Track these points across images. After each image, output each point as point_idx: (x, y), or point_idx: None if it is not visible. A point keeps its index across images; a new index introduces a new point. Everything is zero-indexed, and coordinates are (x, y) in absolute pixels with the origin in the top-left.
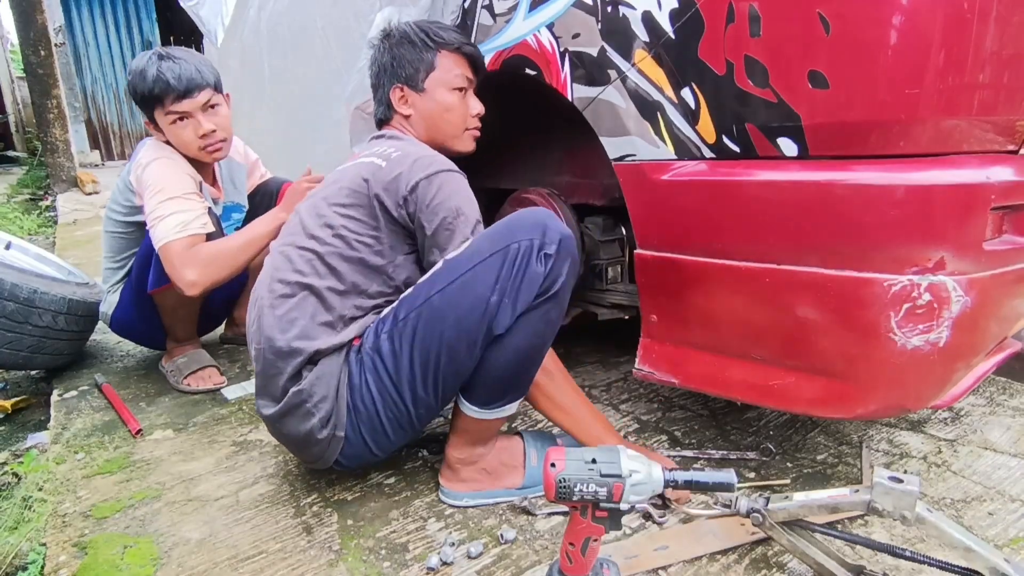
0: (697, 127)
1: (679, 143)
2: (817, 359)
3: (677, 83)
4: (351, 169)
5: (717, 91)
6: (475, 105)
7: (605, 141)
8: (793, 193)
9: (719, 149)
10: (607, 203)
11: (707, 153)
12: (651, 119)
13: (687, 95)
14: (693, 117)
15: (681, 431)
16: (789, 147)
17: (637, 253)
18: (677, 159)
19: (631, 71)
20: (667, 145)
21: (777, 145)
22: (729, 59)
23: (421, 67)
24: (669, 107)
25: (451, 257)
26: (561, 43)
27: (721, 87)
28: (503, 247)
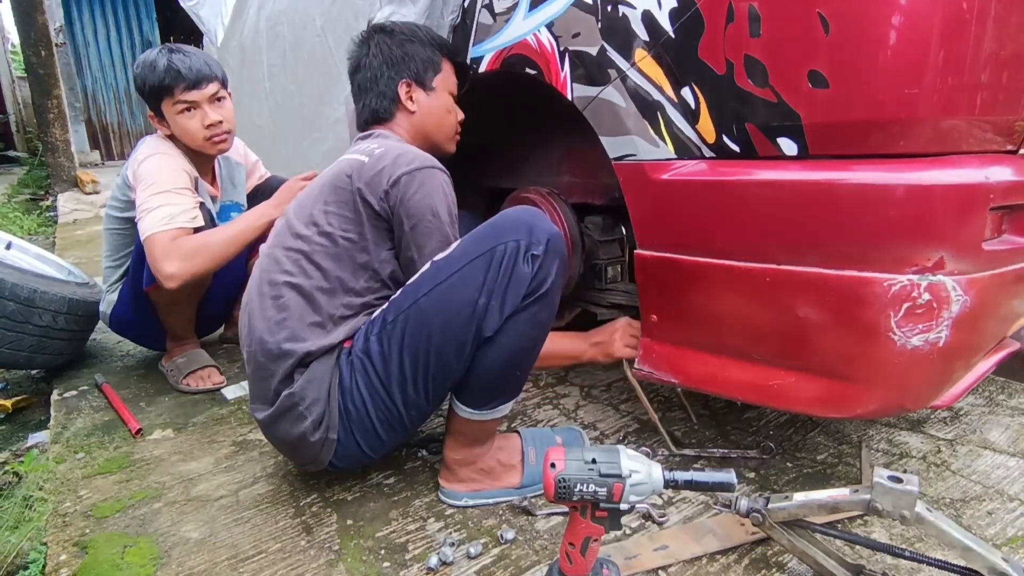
0: (697, 127)
1: (679, 143)
2: (817, 359)
3: (677, 82)
4: (334, 167)
5: (717, 91)
6: (459, 112)
7: (605, 140)
8: (793, 193)
9: (719, 149)
10: (607, 203)
11: (707, 153)
12: (651, 118)
13: (687, 94)
14: (693, 117)
15: (681, 431)
16: (789, 147)
17: (637, 253)
18: (677, 159)
19: (631, 70)
20: (667, 145)
21: (777, 145)
22: (729, 59)
23: (430, 67)
24: (669, 107)
25: (439, 259)
26: (561, 42)
27: (721, 87)
28: (489, 249)
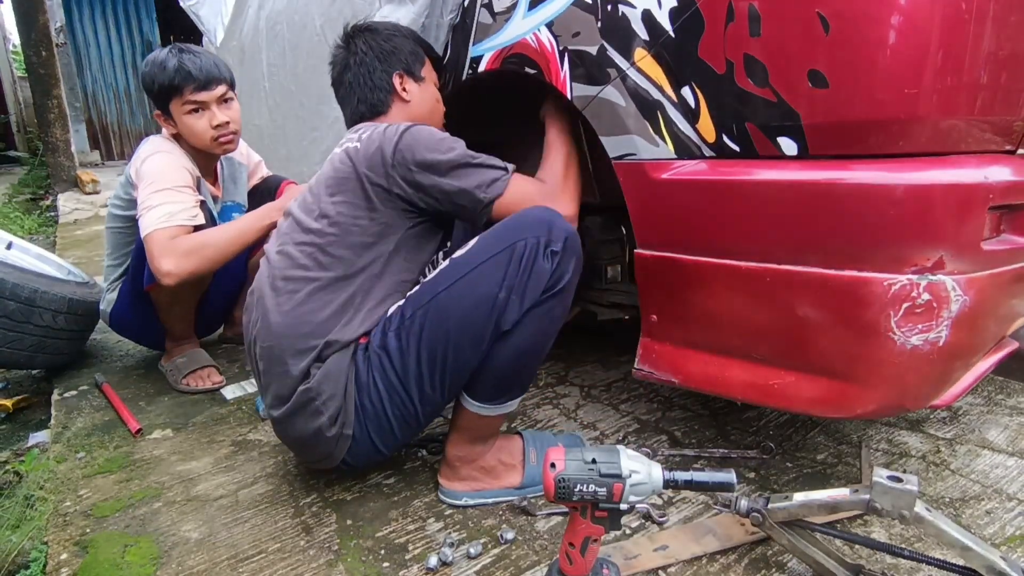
0: (697, 126)
1: (679, 142)
2: (817, 359)
3: (677, 82)
4: (330, 161)
5: (717, 90)
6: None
7: (605, 140)
8: (793, 192)
9: (719, 148)
10: (607, 202)
11: (707, 152)
12: (651, 118)
13: (687, 94)
14: (693, 116)
15: (681, 431)
16: (789, 146)
17: (637, 252)
18: (677, 158)
19: (631, 70)
20: (667, 144)
21: (777, 144)
22: (729, 58)
23: (417, 60)
24: (669, 106)
25: (457, 256)
26: (560, 42)
27: (721, 86)
28: (509, 244)
